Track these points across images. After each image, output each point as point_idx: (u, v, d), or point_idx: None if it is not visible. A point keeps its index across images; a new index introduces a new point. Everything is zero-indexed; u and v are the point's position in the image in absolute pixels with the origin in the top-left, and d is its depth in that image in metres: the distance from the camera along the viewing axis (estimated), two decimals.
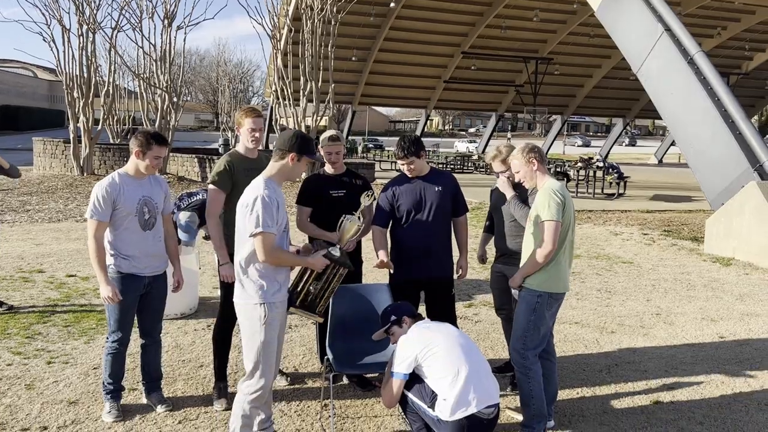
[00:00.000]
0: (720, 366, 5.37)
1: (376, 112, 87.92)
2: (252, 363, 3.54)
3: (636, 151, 62.90)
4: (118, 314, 4.10)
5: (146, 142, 4.02)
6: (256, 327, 3.51)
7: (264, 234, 3.40)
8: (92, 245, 3.97)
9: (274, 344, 3.56)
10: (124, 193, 4.01)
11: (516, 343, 4.01)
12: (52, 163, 21.29)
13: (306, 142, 3.58)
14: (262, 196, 3.42)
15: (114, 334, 4.14)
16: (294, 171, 3.58)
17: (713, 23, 31.80)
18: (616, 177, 19.39)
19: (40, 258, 8.76)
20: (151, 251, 4.14)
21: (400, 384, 3.59)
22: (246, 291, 3.53)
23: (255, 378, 3.55)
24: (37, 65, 68.43)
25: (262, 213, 3.39)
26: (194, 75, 69.21)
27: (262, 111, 4.41)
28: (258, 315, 3.50)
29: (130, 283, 4.08)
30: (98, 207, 3.96)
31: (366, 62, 34.17)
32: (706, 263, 9.76)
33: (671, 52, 11.21)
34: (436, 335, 3.64)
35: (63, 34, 19.48)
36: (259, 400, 3.57)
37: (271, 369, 3.57)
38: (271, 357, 3.56)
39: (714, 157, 10.72)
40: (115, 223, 4.02)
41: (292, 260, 3.63)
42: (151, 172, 4.12)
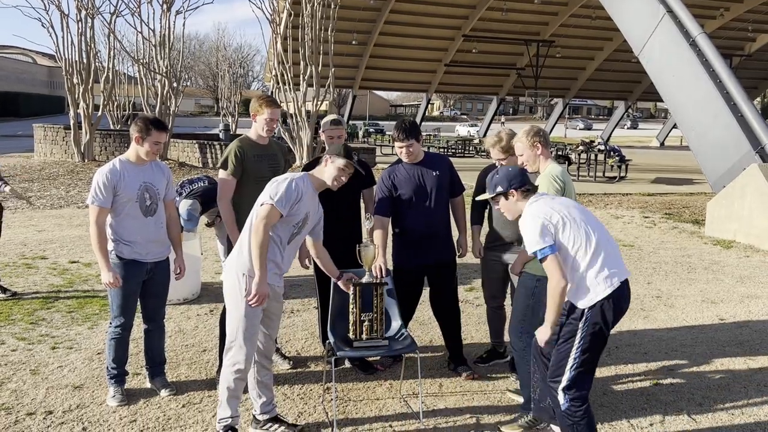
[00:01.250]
0: (720, 348, 5.40)
1: (377, 96, 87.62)
2: (233, 334, 3.57)
3: (638, 133, 62.69)
4: (121, 300, 4.12)
5: (145, 127, 4.02)
6: (237, 298, 3.54)
7: (272, 208, 3.45)
8: (94, 231, 3.98)
9: (256, 318, 3.57)
10: (125, 179, 4.01)
11: (515, 326, 4.04)
12: (53, 150, 21.28)
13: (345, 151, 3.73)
14: (293, 180, 3.53)
15: (117, 319, 4.17)
16: (327, 175, 3.70)
17: (716, 4, 31.54)
18: (618, 160, 19.36)
19: (42, 244, 8.79)
20: (152, 237, 4.14)
21: (555, 258, 3.24)
22: (239, 258, 3.57)
23: (234, 349, 3.56)
24: (37, 51, 68.14)
25: (283, 191, 3.48)
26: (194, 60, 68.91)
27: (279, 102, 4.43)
28: (241, 286, 3.52)
29: (132, 269, 4.09)
30: (99, 193, 3.97)
31: (366, 46, 33.98)
32: (707, 246, 9.78)
33: (673, 34, 11.14)
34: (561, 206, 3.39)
35: (62, 20, 19.39)
36: (239, 373, 3.58)
37: (252, 342, 3.58)
38: (252, 330, 3.56)
39: (715, 139, 10.69)
40: (116, 209, 4.02)
41: (263, 258, 3.46)
42: (151, 158, 4.12)
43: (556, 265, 3.24)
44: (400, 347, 4.15)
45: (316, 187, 3.70)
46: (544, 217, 3.32)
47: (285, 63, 18.28)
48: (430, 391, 4.44)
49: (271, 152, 4.42)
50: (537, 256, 3.30)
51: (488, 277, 4.80)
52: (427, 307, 5.25)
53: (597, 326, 3.31)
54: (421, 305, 4.84)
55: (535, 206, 3.39)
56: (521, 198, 3.44)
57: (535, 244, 3.28)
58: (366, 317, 4.06)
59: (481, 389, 4.48)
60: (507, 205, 3.51)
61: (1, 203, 6.92)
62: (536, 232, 3.28)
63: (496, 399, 4.34)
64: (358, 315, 4.05)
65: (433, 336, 5.46)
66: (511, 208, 3.50)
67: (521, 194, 3.44)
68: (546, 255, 3.25)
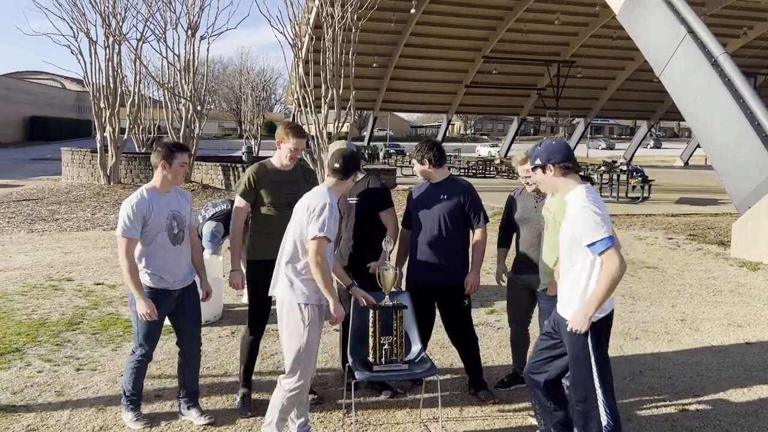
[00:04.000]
0: (747, 373, 5.30)
1: (398, 117, 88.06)
2: (293, 362, 3.72)
3: (661, 153, 62.08)
4: (147, 329, 4.11)
5: (169, 152, 4.05)
6: (299, 327, 3.68)
7: (324, 241, 3.59)
8: (125, 264, 3.96)
9: (315, 346, 3.76)
10: (153, 209, 4.00)
11: None
12: (80, 173, 21.69)
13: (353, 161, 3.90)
14: (330, 204, 3.65)
15: (141, 348, 4.15)
16: (348, 187, 4.01)
17: (739, 23, 31.35)
18: (641, 180, 19.18)
19: (68, 266, 8.94)
20: (180, 265, 4.15)
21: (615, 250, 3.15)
22: (294, 290, 3.71)
23: (296, 377, 3.72)
24: (65, 76, 69.83)
25: (328, 219, 3.60)
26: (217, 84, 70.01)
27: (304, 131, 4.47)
28: (303, 316, 3.68)
29: (162, 299, 4.08)
30: (128, 224, 3.95)
31: (387, 68, 34.28)
32: (732, 268, 9.62)
33: (694, 55, 11.08)
34: None
35: (90, 46, 19.86)
36: (297, 397, 3.76)
37: (310, 369, 3.76)
38: (310, 357, 3.74)
39: (740, 159, 10.56)
40: (145, 239, 4.02)
41: (328, 282, 3.67)
42: (178, 182, 4.15)
43: (619, 255, 3.17)
44: (420, 371, 4.14)
45: (338, 195, 3.90)
46: (601, 207, 3.23)
47: (307, 86, 18.49)
48: (450, 415, 4.41)
49: (292, 179, 4.40)
50: (596, 249, 3.17)
51: (513, 302, 4.75)
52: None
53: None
54: (441, 328, 4.82)
55: (591, 195, 3.28)
56: (559, 174, 3.34)
57: (595, 234, 3.16)
58: (386, 341, 4.07)
59: (502, 414, 4.44)
60: (544, 179, 3.41)
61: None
62: (597, 220, 3.17)
63: (517, 423, 4.30)
64: (377, 338, 4.05)
65: (453, 359, 5.43)
66: (547, 182, 3.41)
67: (560, 170, 3.33)
68: (608, 247, 3.14)
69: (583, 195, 3.30)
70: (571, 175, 3.36)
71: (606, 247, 3.17)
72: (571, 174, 3.36)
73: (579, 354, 3.36)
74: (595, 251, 3.21)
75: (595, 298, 3.25)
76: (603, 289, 3.23)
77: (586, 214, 3.21)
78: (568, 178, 3.36)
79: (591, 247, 3.20)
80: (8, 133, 54.95)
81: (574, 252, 3.35)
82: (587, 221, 3.20)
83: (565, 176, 3.35)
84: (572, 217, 3.30)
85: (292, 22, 18.40)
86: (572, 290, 3.39)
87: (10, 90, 57.15)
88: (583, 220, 3.22)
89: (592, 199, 3.28)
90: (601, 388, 3.34)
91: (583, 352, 3.35)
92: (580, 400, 3.40)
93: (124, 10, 20.19)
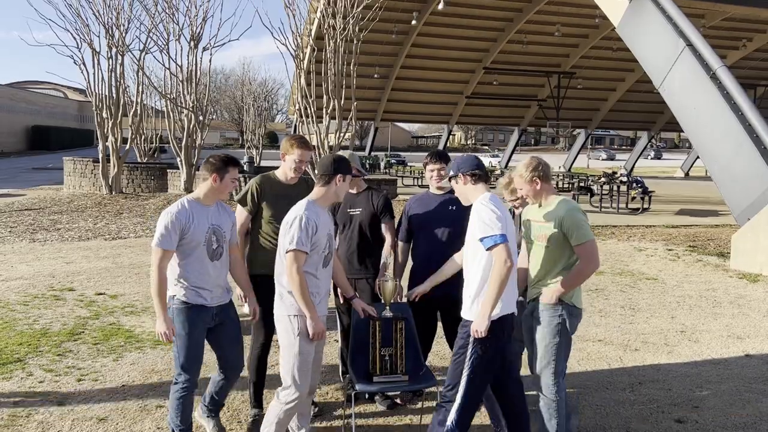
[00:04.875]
0: (746, 385, 5.31)
1: (399, 128, 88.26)
2: (288, 373, 3.71)
3: (662, 164, 62.17)
4: (187, 351, 3.83)
5: (223, 165, 3.88)
6: (291, 338, 3.69)
7: (296, 252, 3.58)
8: (155, 276, 3.73)
9: (309, 356, 3.73)
10: (194, 221, 3.80)
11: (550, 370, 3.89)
12: (82, 182, 21.76)
13: (345, 162, 3.85)
14: (301, 216, 3.62)
15: (183, 374, 3.85)
16: (340, 191, 3.83)
17: (738, 35, 31.51)
18: (641, 192, 19.22)
19: (70, 276, 8.97)
20: (217, 282, 3.92)
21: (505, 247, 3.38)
22: (284, 302, 3.72)
23: (291, 388, 3.71)
24: (67, 86, 70.17)
25: (298, 232, 3.58)
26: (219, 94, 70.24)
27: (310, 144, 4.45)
28: (293, 327, 3.68)
29: (198, 315, 3.83)
30: (165, 234, 3.73)
31: (388, 79, 34.44)
32: (732, 279, 9.64)
33: (693, 68, 11.16)
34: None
35: (93, 57, 20.00)
36: (293, 409, 3.75)
37: (306, 379, 3.74)
38: (305, 367, 3.72)
39: (739, 172, 10.61)
40: (182, 251, 3.80)
41: (306, 300, 3.60)
42: (225, 197, 4.00)
43: (507, 252, 3.37)
44: (420, 382, 4.16)
45: (326, 205, 3.84)
46: (500, 209, 3.47)
47: (309, 97, 18.58)
48: None
49: (295, 193, 4.17)
50: (486, 243, 3.40)
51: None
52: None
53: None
54: (442, 339, 4.84)
55: (494, 200, 3.55)
56: (469, 182, 3.65)
57: (487, 230, 3.40)
58: (386, 352, 4.10)
59: None
60: (458, 189, 3.73)
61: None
62: (492, 218, 3.42)
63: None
64: (378, 350, 4.08)
65: None
66: (461, 191, 3.72)
67: (469, 178, 3.64)
68: (497, 243, 3.37)
69: (486, 198, 3.58)
70: (481, 183, 3.66)
71: (495, 243, 3.38)
72: (481, 183, 3.66)
73: (458, 352, 3.57)
74: (485, 246, 3.42)
75: (488, 297, 3.45)
76: (493, 287, 3.42)
77: (482, 212, 3.48)
78: (477, 186, 3.66)
79: (482, 242, 3.43)
80: (10, 142, 55.17)
81: (471, 253, 3.58)
82: (482, 218, 3.46)
83: (475, 184, 3.65)
84: (471, 217, 3.56)
85: (294, 33, 18.54)
86: (469, 291, 3.59)
87: (12, 100, 57.45)
88: (478, 217, 3.48)
89: (494, 202, 3.54)
90: (466, 391, 3.51)
91: (462, 349, 3.55)
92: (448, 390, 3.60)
93: (127, 21, 20.34)
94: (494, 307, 3.45)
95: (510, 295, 3.61)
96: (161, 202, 17.53)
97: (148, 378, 5.20)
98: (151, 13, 20.18)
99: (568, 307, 3.82)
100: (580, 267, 3.76)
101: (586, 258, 3.74)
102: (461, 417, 3.55)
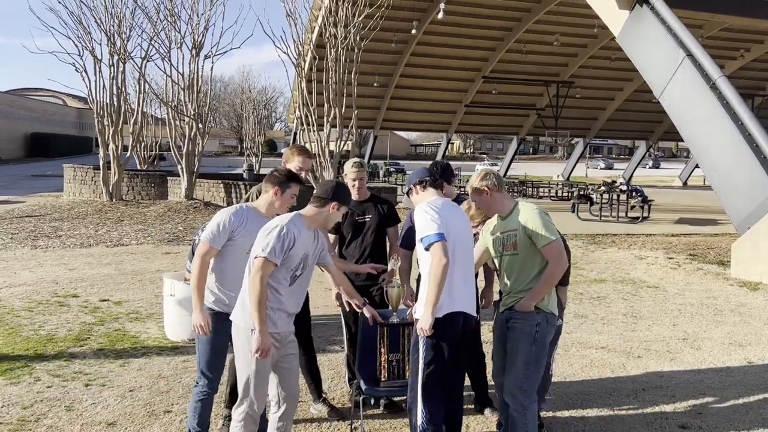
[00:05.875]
0: (748, 391, 5.35)
1: (398, 136, 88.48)
2: (242, 388, 3.59)
3: (660, 173, 62.37)
4: (209, 354, 3.88)
5: (286, 180, 3.90)
6: (247, 354, 3.51)
7: (265, 260, 3.44)
8: (197, 268, 3.79)
9: (265, 372, 3.57)
10: (246, 226, 3.83)
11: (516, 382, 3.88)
12: (82, 189, 21.79)
13: (344, 192, 3.78)
14: (282, 227, 3.50)
15: (204, 377, 3.91)
16: (330, 218, 3.73)
17: (736, 45, 31.70)
18: (640, 200, 19.30)
19: (73, 282, 8.99)
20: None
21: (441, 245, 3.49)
22: (245, 313, 3.54)
23: (244, 404, 3.58)
24: (66, 93, 70.22)
25: (274, 241, 3.46)
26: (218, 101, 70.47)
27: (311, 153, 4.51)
28: (253, 343, 3.47)
29: (223, 324, 3.78)
30: (216, 233, 3.80)
31: (388, 87, 34.56)
32: (733, 288, 9.70)
33: (693, 78, 11.25)
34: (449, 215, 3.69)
35: (95, 65, 20.06)
36: (246, 426, 3.59)
37: (262, 396, 3.61)
38: (261, 384, 3.58)
39: (738, 181, 10.69)
40: (223, 254, 3.85)
41: (261, 311, 3.45)
42: (282, 212, 3.93)
43: (442, 249, 3.48)
44: None
45: (313, 227, 3.69)
46: (440, 211, 3.62)
47: (309, 105, 18.66)
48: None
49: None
50: (425, 242, 3.53)
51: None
52: None
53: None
54: None
55: (438, 203, 3.71)
56: (420, 190, 3.88)
57: (426, 230, 3.54)
58: (393, 357, 4.14)
59: None
60: (412, 199, 3.94)
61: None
62: (430, 219, 3.55)
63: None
64: (385, 355, 4.12)
65: None
66: (414, 201, 3.91)
67: (418, 187, 3.89)
68: (432, 242, 3.50)
69: (427, 202, 3.76)
70: (430, 189, 3.87)
71: (430, 242, 3.52)
72: (430, 189, 3.87)
73: (413, 350, 3.72)
74: (423, 245, 3.56)
75: (428, 295, 3.56)
76: (431, 286, 3.53)
77: (420, 214, 3.65)
78: (425, 192, 3.87)
79: (421, 241, 3.57)
80: (9, 149, 55.17)
81: (423, 257, 3.70)
82: (422, 219, 3.61)
83: (424, 191, 3.87)
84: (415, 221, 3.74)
85: (295, 42, 18.64)
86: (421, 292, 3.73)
87: (11, 107, 57.51)
88: (417, 220, 3.65)
89: (434, 204, 3.70)
90: (423, 390, 3.60)
91: (415, 348, 3.66)
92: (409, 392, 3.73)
93: (129, 29, 20.41)
94: (435, 304, 3.54)
95: (462, 296, 3.67)
96: (161, 209, 17.56)
97: (155, 383, 5.22)
98: (153, 21, 20.28)
99: (545, 314, 3.83)
100: (549, 270, 3.79)
101: (552, 259, 3.78)
102: (429, 416, 3.60)
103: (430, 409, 3.60)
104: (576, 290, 9.01)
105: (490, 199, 3.94)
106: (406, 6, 26.40)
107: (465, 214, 3.97)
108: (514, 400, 3.80)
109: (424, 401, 3.61)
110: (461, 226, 3.77)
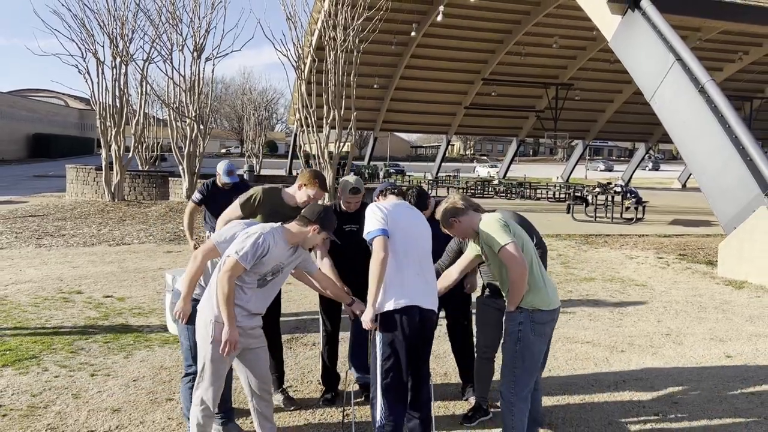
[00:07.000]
0: (724, 383, 5.60)
1: (398, 137, 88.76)
2: (201, 373, 3.82)
3: (659, 175, 62.61)
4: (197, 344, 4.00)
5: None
6: (207, 341, 3.75)
7: (236, 263, 3.63)
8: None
9: (222, 363, 3.77)
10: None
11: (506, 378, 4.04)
12: (84, 190, 22.05)
13: (329, 220, 3.90)
14: (261, 235, 3.68)
15: (192, 368, 4.17)
16: (309, 240, 3.91)
17: (735, 48, 31.92)
18: (635, 202, 19.55)
19: (78, 280, 9.25)
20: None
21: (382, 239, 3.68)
22: (210, 303, 3.77)
23: (201, 389, 3.81)
24: (68, 94, 70.55)
25: (249, 247, 3.64)
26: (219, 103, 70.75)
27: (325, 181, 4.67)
28: (208, 332, 3.72)
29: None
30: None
31: (387, 89, 34.86)
32: (718, 286, 9.95)
33: (682, 81, 11.51)
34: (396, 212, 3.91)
35: (97, 67, 20.33)
36: (206, 410, 3.81)
37: (218, 383, 3.80)
38: (217, 372, 3.78)
39: (726, 183, 10.94)
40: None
41: (229, 308, 3.66)
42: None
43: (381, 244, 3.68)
44: None
45: (291, 243, 3.84)
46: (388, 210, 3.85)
47: (309, 107, 18.92)
48: (443, 421, 4.71)
49: (291, 216, 4.16)
50: (369, 236, 3.73)
51: (483, 324, 4.69)
52: (442, 340, 5.55)
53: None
54: (437, 339, 5.11)
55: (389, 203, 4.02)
56: (383, 198, 4.27)
57: (372, 225, 3.75)
58: None
59: (492, 421, 4.71)
60: None
61: None
62: (377, 216, 3.78)
63: None
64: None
65: (447, 369, 5.74)
66: None
67: (382, 196, 4.30)
68: (373, 237, 3.69)
69: (383, 202, 4.07)
70: (389, 196, 4.26)
71: (372, 237, 3.74)
72: (389, 196, 4.27)
73: (371, 345, 3.84)
74: (367, 239, 3.76)
75: (369, 289, 3.70)
76: (371, 279, 3.71)
77: (370, 212, 3.86)
78: (386, 200, 4.22)
79: (367, 236, 3.79)
80: (11, 149, 55.48)
81: None
82: (369, 217, 3.83)
83: (385, 198, 4.26)
84: None
85: (295, 44, 18.90)
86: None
87: (13, 107, 57.82)
88: (367, 217, 3.85)
89: (386, 204, 3.97)
90: (381, 384, 3.72)
91: (373, 343, 3.79)
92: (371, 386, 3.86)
93: (131, 31, 20.69)
94: (375, 297, 3.68)
95: (414, 289, 3.74)
96: (163, 210, 17.82)
97: (158, 374, 5.48)
98: (155, 23, 20.55)
99: (528, 313, 3.90)
100: (509, 275, 3.85)
101: (508, 264, 3.81)
102: (387, 411, 3.71)
103: (389, 403, 3.70)
104: (566, 288, 9.27)
105: (461, 226, 4.00)
106: (405, 8, 26.68)
107: (420, 214, 4.11)
108: (502, 397, 3.99)
109: (383, 395, 3.71)
110: (414, 224, 3.92)
